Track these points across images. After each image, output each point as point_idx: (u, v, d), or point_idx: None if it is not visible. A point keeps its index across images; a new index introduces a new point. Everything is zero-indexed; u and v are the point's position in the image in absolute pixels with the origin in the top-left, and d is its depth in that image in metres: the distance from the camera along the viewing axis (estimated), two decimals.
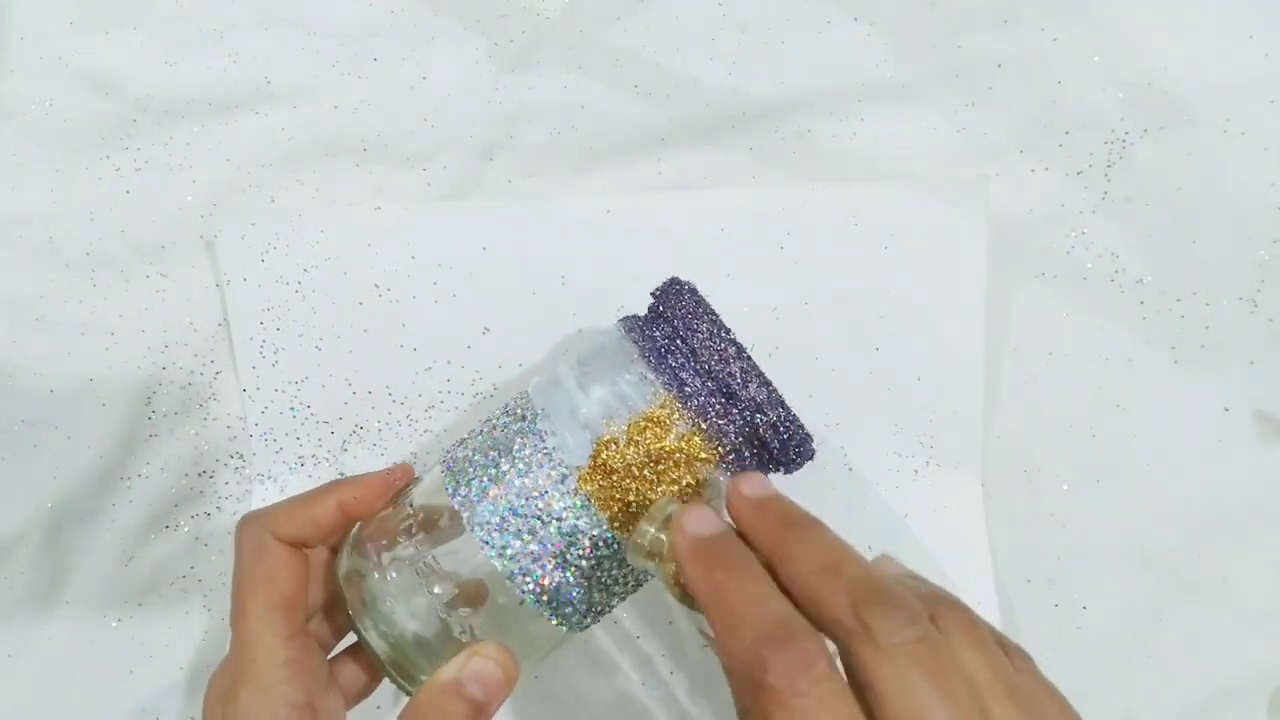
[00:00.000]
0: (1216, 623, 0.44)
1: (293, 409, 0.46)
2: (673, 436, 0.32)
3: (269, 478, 0.47)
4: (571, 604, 0.33)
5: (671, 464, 0.32)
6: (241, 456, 0.47)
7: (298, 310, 0.46)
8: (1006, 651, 0.26)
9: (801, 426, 0.33)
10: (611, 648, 0.45)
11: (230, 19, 0.48)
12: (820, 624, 0.25)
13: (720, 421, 0.32)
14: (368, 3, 0.48)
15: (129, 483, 0.46)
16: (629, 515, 0.32)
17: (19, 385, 0.46)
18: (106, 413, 0.46)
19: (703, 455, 0.32)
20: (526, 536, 0.32)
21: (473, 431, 0.36)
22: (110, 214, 0.47)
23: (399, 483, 0.36)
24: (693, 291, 0.34)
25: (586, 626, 0.35)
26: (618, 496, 0.32)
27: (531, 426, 0.33)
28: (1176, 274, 0.46)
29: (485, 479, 0.33)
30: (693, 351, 0.33)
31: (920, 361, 0.45)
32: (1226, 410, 0.46)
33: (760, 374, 0.33)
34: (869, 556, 0.45)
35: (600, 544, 0.32)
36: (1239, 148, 0.46)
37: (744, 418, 0.32)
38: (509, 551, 0.32)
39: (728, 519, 0.30)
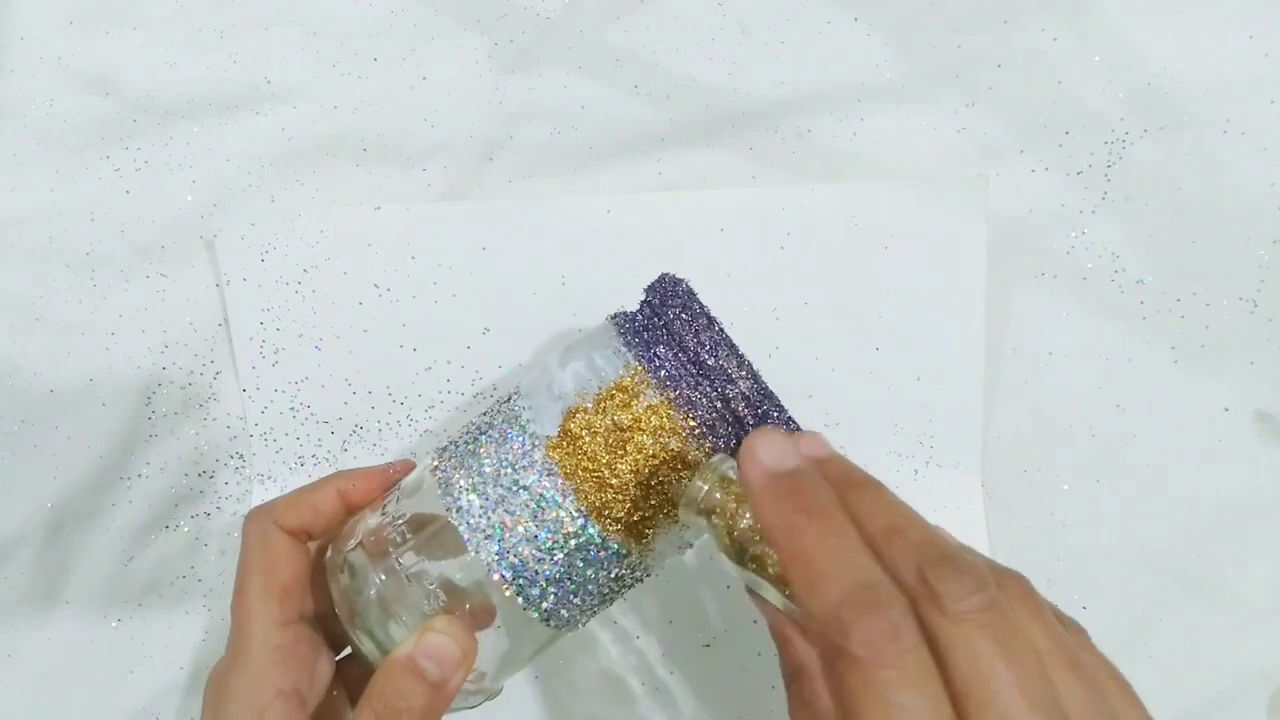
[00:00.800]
0: (1216, 623, 0.44)
1: (293, 409, 0.46)
2: (640, 404, 0.32)
3: (269, 478, 0.47)
4: (540, 586, 0.32)
5: (637, 431, 0.32)
6: (241, 456, 0.47)
7: (298, 310, 0.46)
8: (1065, 627, 0.26)
9: (777, 401, 0.33)
10: (610, 647, 0.45)
11: (230, 19, 0.48)
12: None
13: (690, 392, 0.32)
14: (368, 3, 0.48)
15: (129, 483, 0.46)
16: (598, 485, 0.32)
17: (19, 385, 0.46)
18: (106, 413, 0.46)
19: (669, 425, 0.32)
20: (499, 508, 0.32)
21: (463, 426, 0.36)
22: (110, 214, 0.47)
23: (398, 475, 0.36)
24: (677, 282, 0.34)
25: (564, 621, 0.33)
26: (585, 465, 0.32)
27: (510, 405, 0.34)
28: (1176, 274, 0.46)
29: (464, 453, 0.33)
30: (665, 326, 0.33)
31: (920, 361, 0.45)
32: (1226, 410, 0.46)
33: (734, 348, 0.32)
34: None
35: (573, 517, 0.32)
36: (1239, 148, 0.46)
37: (715, 389, 0.32)
38: (480, 524, 0.32)
39: (727, 510, 0.30)
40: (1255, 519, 0.45)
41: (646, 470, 0.32)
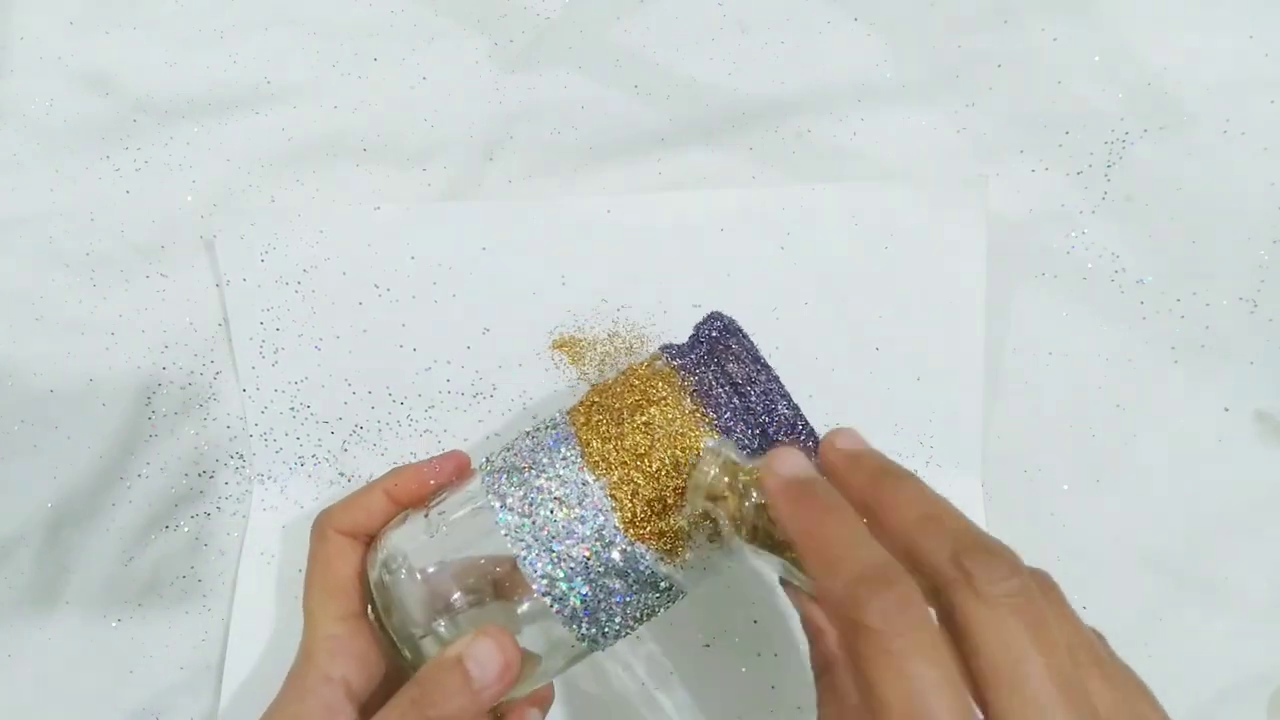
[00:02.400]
0: (1216, 623, 0.44)
1: (293, 409, 0.46)
2: (643, 364, 0.34)
3: (269, 478, 0.47)
4: (578, 601, 0.32)
5: (635, 376, 0.33)
6: (241, 456, 0.47)
7: (297, 310, 0.46)
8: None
9: (778, 381, 0.33)
10: (610, 647, 0.45)
11: (230, 19, 0.48)
12: (918, 572, 0.25)
13: (683, 359, 0.34)
14: (368, 3, 0.48)
15: (129, 483, 0.46)
16: (606, 449, 0.32)
17: (19, 385, 0.46)
18: (106, 413, 0.46)
19: (660, 367, 0.33)
20: (540, 523, 0.32)
21: None
22: (110, 214, 0.47)
23: (441, 471, 0.36)
24: (726, 320, 0.35)
25: (598, 638, 0.33)
26: (598, 425, 0.33)
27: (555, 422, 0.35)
28: (1176, 274, 0.46)
29: (509, 467, 0.34)
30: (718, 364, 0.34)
31: (920, 361, 0.45)
32: (1226, 410, 0.46)
33: (746, 338, 0.34)
34: None
35: (587, 497, 0.32)
36: (1239, 148, 0.46)
37: (713, 359, 0.33)
38: (523, 537, 0.32)
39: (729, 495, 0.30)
40: (1255, 519, 0.45)
41: (677, 482, 0.32)
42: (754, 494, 0.30)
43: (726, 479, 0.30)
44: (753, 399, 0.33)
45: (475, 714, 0.30)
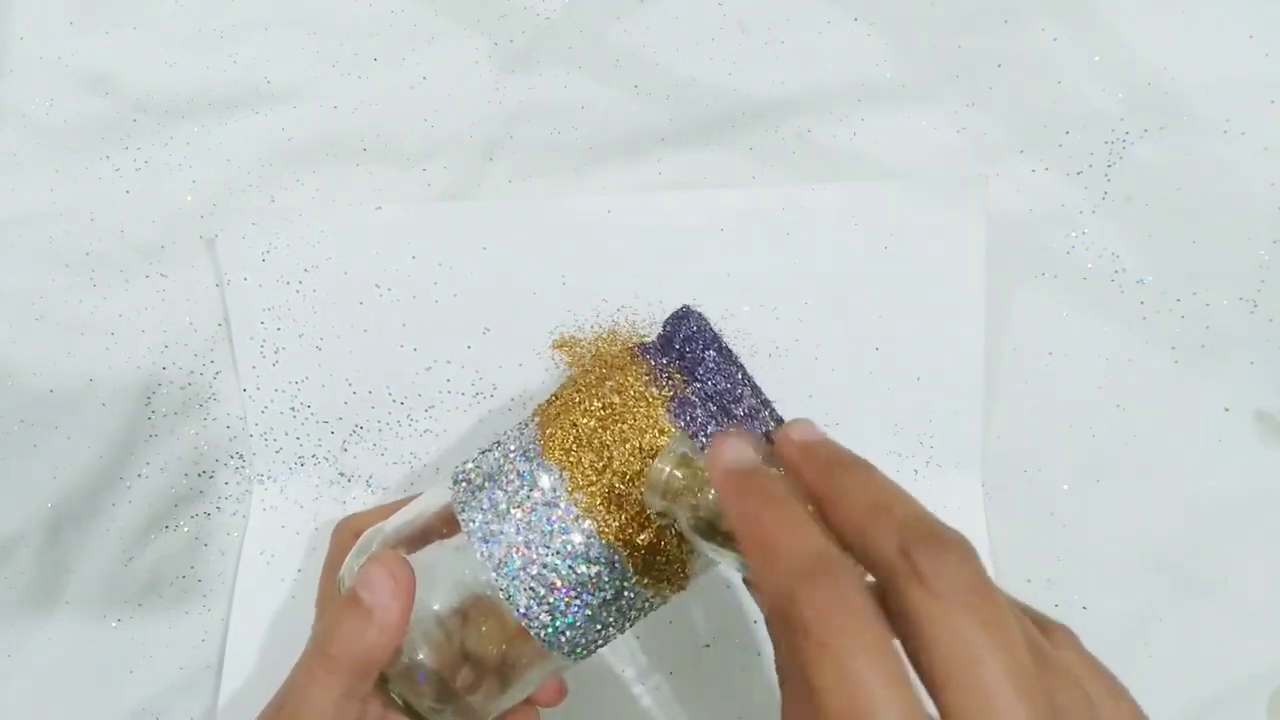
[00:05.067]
0: (1216, 623, 0.44)
1: (293, 409, 0.46)
2: (615, 370, 0.34)
3: (269, 478, 0.47)
4: (550, 609, 0.32)
5: (602, 363, 0.34)
6: (241, 456, 0.47)
7: (298, 310, 0.46)
8: (1046, 631, 0.25)
9: (745, 372, 0.34)
10: (611, 647, 0.45)
11: (230, 19, 0.48)
12: (868, 565, 0.24)
13: (655, 364, 0.34)
14: (368, 3, 0.48)
15: (129, 483, 0.46)
16: (569, 443, 0.32)
17: (19, 385, 0.46)
18: (106, 413, 0.46)
19: (623, 346, 0.34)
20: (513, 533, 0.32)
21: None
22: (110, 214, 0.47)
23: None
24: (697, 316, 0.36)
25: (573, 646, 0.33)
26: (564, 418, 0.33)
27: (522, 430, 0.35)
28: (1176, 274, 0.46)
29: (476, 451, 0.34)
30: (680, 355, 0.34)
31: (920, 361, 0.45)
32: (1226, 410, 0.46)
33: (715, 336, 0.34)
34: None
35: (549, 492, 0.32)
36: (1239, 148, 0.46)
37: (685, 364, 0.34)
38: (494, 550, 0.32)
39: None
40: (1255, 519, 0.45)
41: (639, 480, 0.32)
42: (709, 491, 0.29)
43: (681, 475, 0.30)
44: (729, 404, 0.33)
45: (380, 639, 0.30)
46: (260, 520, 0.46)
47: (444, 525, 0.33)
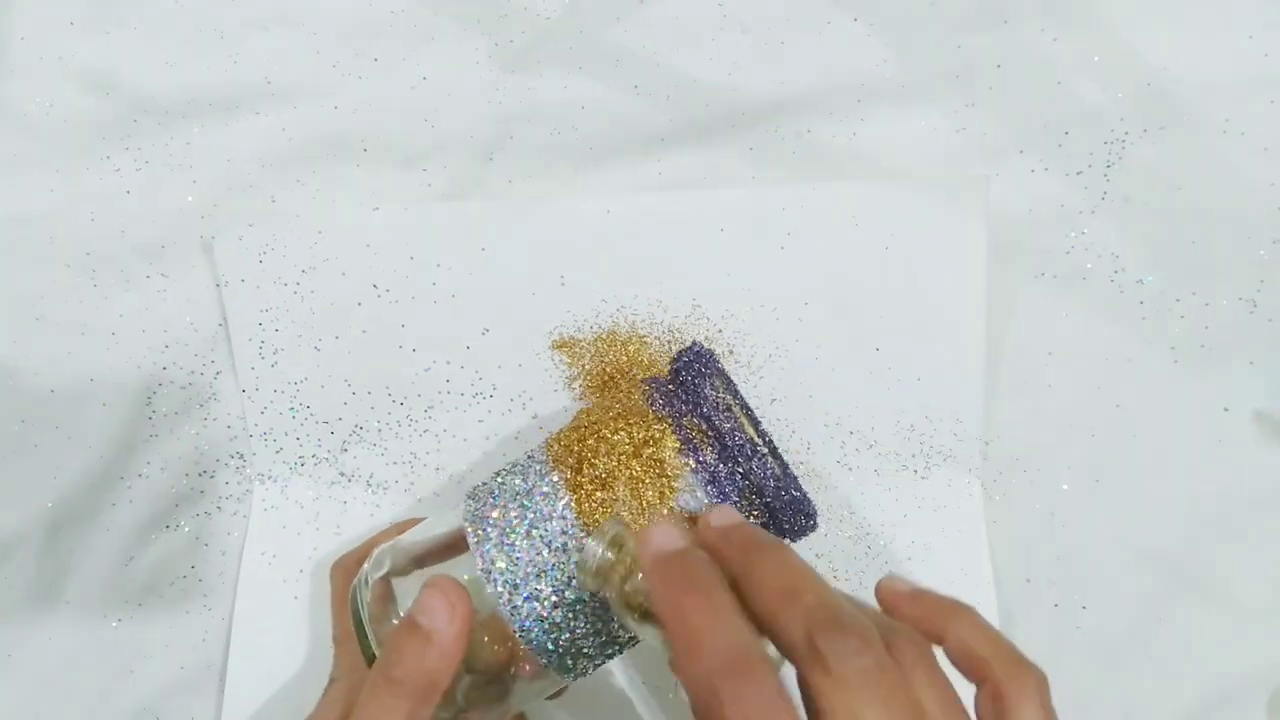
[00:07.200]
0: (1216, 623, 0.44)
1: (293, 409, 0.46)
2: (630, 411, 0.34)
3: (269, 478, 0.47)
4: (549, 631, 0.32)
5: (626, 424, 0.34)
6: (241, 456, 0.47)
7: (297, 311, 0.46)
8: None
9: (796, 482, 0.34)
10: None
11: (230, 19, 0.48)
12: (779, 648, 0.25)
13: (660, 392, 0.34)
14: (368, 3, 0.48)
15: (129, 483, 0.46)
16: (579, 466, 0.33)
17: (19, 385, 0.46)
18: (106, 413, 0.46)
19: (653, 429, 0.33)
20: (503, 517, 0.33)
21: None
22: (110, 214, 0.47)
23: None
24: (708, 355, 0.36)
25: (569, 666, 0.33)
26: (573, 446, 0.33)
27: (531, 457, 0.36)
28: (1176, 274, 0.46)
29: (490, 474, 0.35)
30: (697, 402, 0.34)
31: (920, 361, 0.45)
32: (1226, 410, 0.46)
33: (724, 375, 0.35)
34: (869, 557, 0.45)
35: (558, 516, 0.32)
36: (1239, 148, 0.46)
37: (694, 402, 0.34)
38: (485, 540, 0.33)
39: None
40: (1255, 519, 0.45)
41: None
42: (638, 573, 0.29)
43: (613, 556, 0.30)
44: (734, 446, 0.33)
45: (440, 663, 0.30)
46: (261, 520, 0.46)
47: (455, 544, 0.34)
